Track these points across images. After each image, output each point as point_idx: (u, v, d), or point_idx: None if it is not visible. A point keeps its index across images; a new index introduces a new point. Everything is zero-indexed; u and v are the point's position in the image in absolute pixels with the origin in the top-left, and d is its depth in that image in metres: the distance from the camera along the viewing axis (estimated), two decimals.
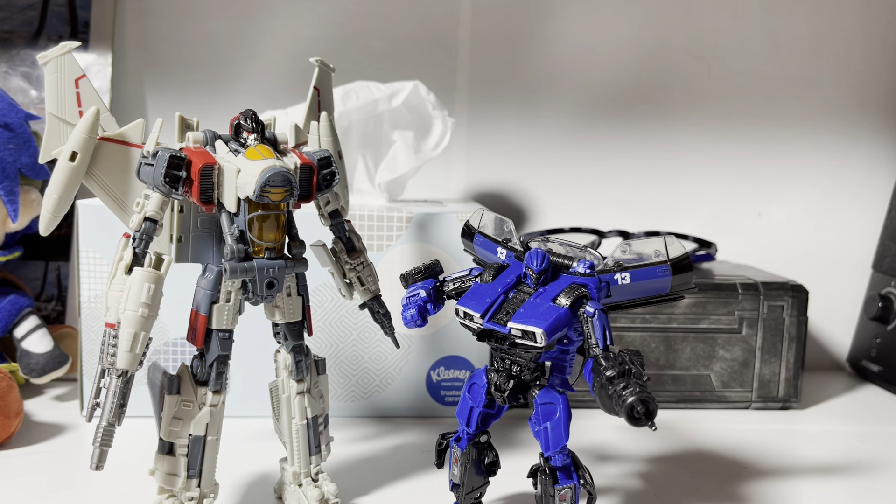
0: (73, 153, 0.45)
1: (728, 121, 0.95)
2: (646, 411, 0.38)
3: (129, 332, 0.42)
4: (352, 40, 0.90)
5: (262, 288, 0.46)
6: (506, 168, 0.94)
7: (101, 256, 0.68)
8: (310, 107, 0.53)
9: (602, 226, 0.91)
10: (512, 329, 0.41)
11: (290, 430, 0.51)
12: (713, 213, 0.96)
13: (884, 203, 0.96)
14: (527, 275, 0.44)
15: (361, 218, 0.69)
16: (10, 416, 0.61)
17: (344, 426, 0.69)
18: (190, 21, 0.89)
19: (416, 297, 0.48)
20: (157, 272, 0.43)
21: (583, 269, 0.43)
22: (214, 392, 0.47)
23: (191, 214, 0.48)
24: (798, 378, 0.77)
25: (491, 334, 0.43)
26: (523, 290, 0.44)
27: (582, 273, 0.43)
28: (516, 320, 0.41)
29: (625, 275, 0.43)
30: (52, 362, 0.73)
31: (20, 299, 0.74)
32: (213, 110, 0.87)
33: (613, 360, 0.40)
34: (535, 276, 0.44)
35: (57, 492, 0.55)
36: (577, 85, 0.93)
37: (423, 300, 0.47)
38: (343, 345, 0.71)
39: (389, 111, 0.77)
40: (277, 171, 0.43)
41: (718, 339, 0.76)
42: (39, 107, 0.84)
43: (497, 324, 0.42)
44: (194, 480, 0.47)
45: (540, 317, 0.41)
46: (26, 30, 0.85)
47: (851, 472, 0.64)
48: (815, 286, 0.83)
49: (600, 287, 0.43)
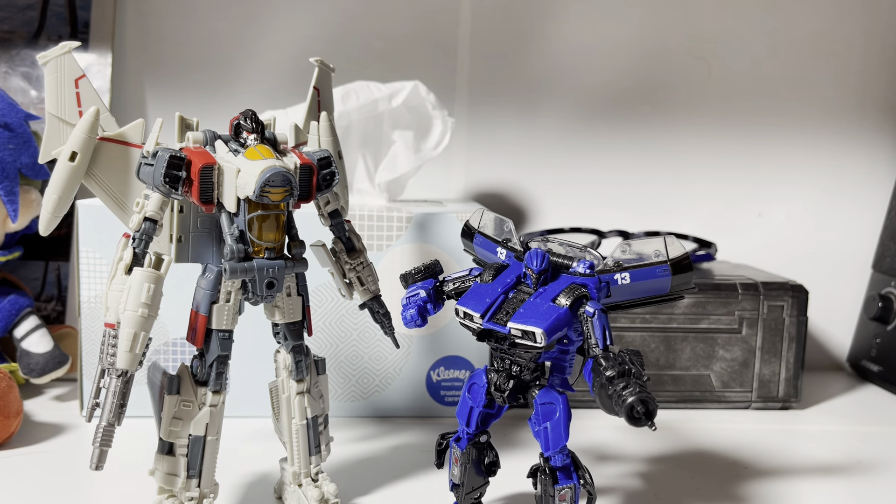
0: (73, 153, 0.45)
1: (728, 121, 0.95)
2: (646, 411, 0.38)
3: (128, 332, 0.42)
4: (352, 40, 0.90)
5: (262, 288, 0.46)
6: (506, 168, 0.94)
7: (101, 256, 0.68)
8: (310, 107, 0.53)
9: (602, 226, 0.91)
10: (512, 329, 0.41)
11: (290, 430, 0.51)
12: (713, 213, 0.96)
13: (884, 203, 0.96)
14: (527, 275, 0.44)
15: (361, 218, 0.69)
16: (10, 416, 0.61)
17: (344, 426, 0.69)
18: (190, 21, 0.89)
19: (416, 297, 0.48)
20: (156, 272, 0.43)
21: (583, 269, 0.43)
22: (214, 392, 0.47)
23: (191, 214, 0.48)
24: (798, 378, 0.77)
25: (491, 334, 0.43)
26: (523, 290, 0.44)
27: (582, 273, 0.43)
28: (516, 320, 0.41)
29: (625, 275, 0.43)
30: (51, 362, 0.73)
31: (20, 299, 0.74)
32: (213, 110, 0.87)
33: (613, 360, 0.40)
34: (535, 276, 0.44)
35: (57, 492, 0.55)
36: (577, 85, 0.93)
37: (422, 300, 0.47)
38: (343, 345, 0.71)
39: (389, 111, 0.77)
40: (277, 171, 0.43)
41: (718, 339, 0.76)
42: (39, 107, 0.84)
43: (497, 324, 0.42)
44: (194, 480, 0.47)
45: (540, 317, 0.41)
46: (26, 30, 0.85)
47: (851, 472, 0.64)
48: (815, 286, 0.83)
49: (600, 287, 0.43)
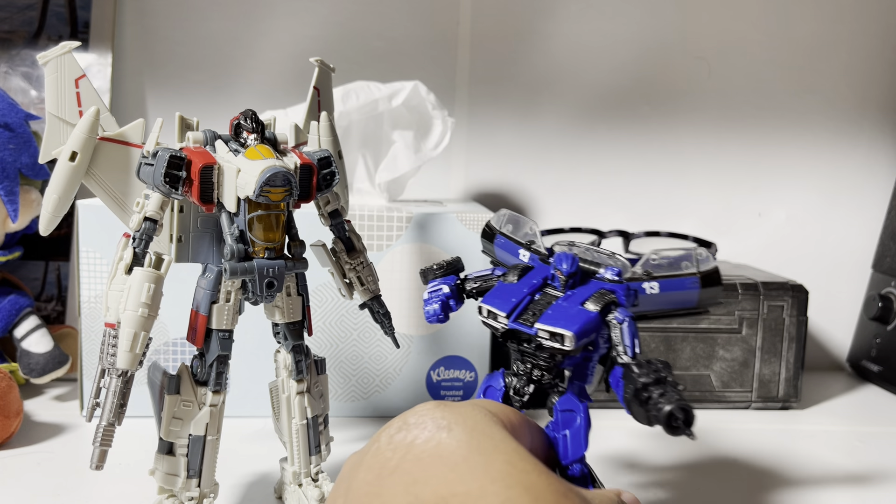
0: (73, 153, 0.45)
1: (728, 121, 0.95)
2: (685, 419, 0.37)
3: (129, 331, 0.42)
4: (352, 40, 0.90)
5: (262, 288, 0.46)
6: (506, 168, 0.94)
7: (101, 256, 0.68)
8: (310, 107, 0.53)
9: (602, 226, 0.91)
10: (539, 330, 0.40)
11: (290, 429, 0.51)
12: (713, 213, 0.96)
13: (884, 203, 0.96)
14: (555, 277, 0.43)
15: (361, 218, 0.69)
16: (10, 416, 0.61)
17: (344, 426, 0.69)
18: (190, 21, 0.89)
19: (440, 293, 0.47)
20: (157, 272, 0.43)
21: (611, 276, 0.42)
22: (214, 392, 0.47)
23: (191, 214, 0.48)
24: (798, 378, 0.77)
25: (515, 335, 0.42)
26: (549, 293, 0.43)
27: (610, 279, 0.42)
28: (544, 321, 0.40)
29: (653, 284, 0.42)
30: (52, 362, 0.73)
31: (20, 299, 0.74)
32: (213, 110, 0.87)
33: (647, 367, 0.39)
34: (564, 278, 0.42)
35: (57, 492, 0.55)
36: (578, 85, 0.93)
37: (446, 295, 0.46)
38: (343, 345, 0.71)
39: (389, 111, 0.77)
40: (277, 170, 0.43)
41: (718, 339, 0.76)
42: (39, 107, 0.84)
43: (523, 324, 0.41)
44: (194, 480, 0.47)
45: (569, 319, 0.40)
46: (26, 30, 0.85)
47: (851, 472, 0.64)
48: (815, 286, 0.84)
49: (629, 294, 0.42)
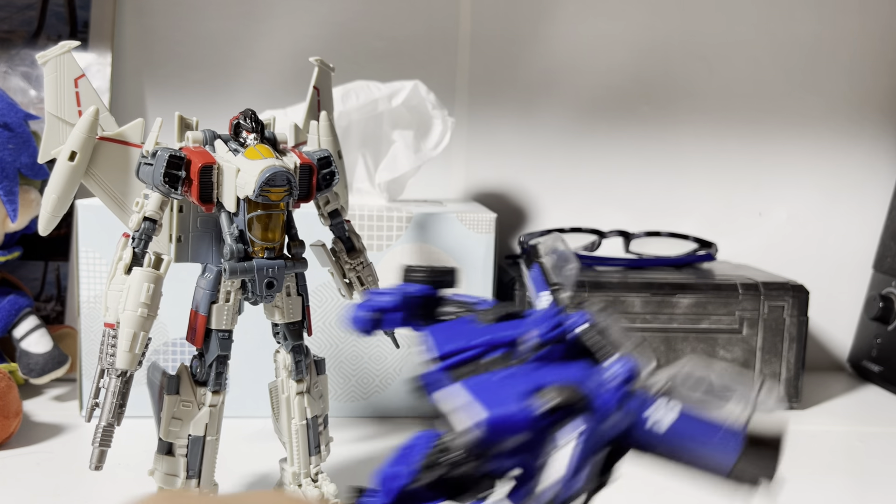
0: (73, 153, 0.45)
1: (728, 121, 0.95)
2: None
3: (128, 331, 0.42)
4: (352, 40, 0.90)
5: (262, 288, 0.46)
6: (506, 168, 0.94)
7: (100, 256, 0.68)
8: (309, 106, 0.53)
9: (602, 226, 0.91)
10: (441, 396, 0.29)
11: (290, 430, 0.51)
12: (714, 212, 0.96)
13: (884, 203, 0.96)
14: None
15: (361, 218, 0.69)
16: (9, 416, 0.61)
17: (344, 426, 0.69)
18: (189, 21, 0.89)
19: (390, 298, 0.36)
20: (156, 272, 0.43)
21: (618, 369, 0.29)
22: (214, 392, 0.47)
23: (190, 214, 0.48)
24: (798, 378, 0.77)
25: (423, 386, 0.32)
26: (512, 356, 0.32)
27: (611, 374, 0.29)
28: (466, 386, 0.29)
29: (664, 417, 0.28)
30: (51, 362, 0.73)
31: (19, 299, 0.74)
32: (213, 110, 0.87)
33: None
34: (538, 342, 0.31)
35: (56, 492, 0.55)
36: (578, 85, 0.93)
37: (394, 304, 0.36)
38: (343, 345, 0.70)
39: (389, 111, 0.77)
40: (277, 170, 0.43)
41: (719, 339, 0.76)
42: (39, 107, 0.84)
43: (447, 377, 0.31)
44: (194, 480, 0.47)
45: (494, 399, 0.27)
46: (26, 29, 0.85)
47: (851, 472, 0.63)
48: (815, 286, 0.83)
49: (618, 409, 0.28)
